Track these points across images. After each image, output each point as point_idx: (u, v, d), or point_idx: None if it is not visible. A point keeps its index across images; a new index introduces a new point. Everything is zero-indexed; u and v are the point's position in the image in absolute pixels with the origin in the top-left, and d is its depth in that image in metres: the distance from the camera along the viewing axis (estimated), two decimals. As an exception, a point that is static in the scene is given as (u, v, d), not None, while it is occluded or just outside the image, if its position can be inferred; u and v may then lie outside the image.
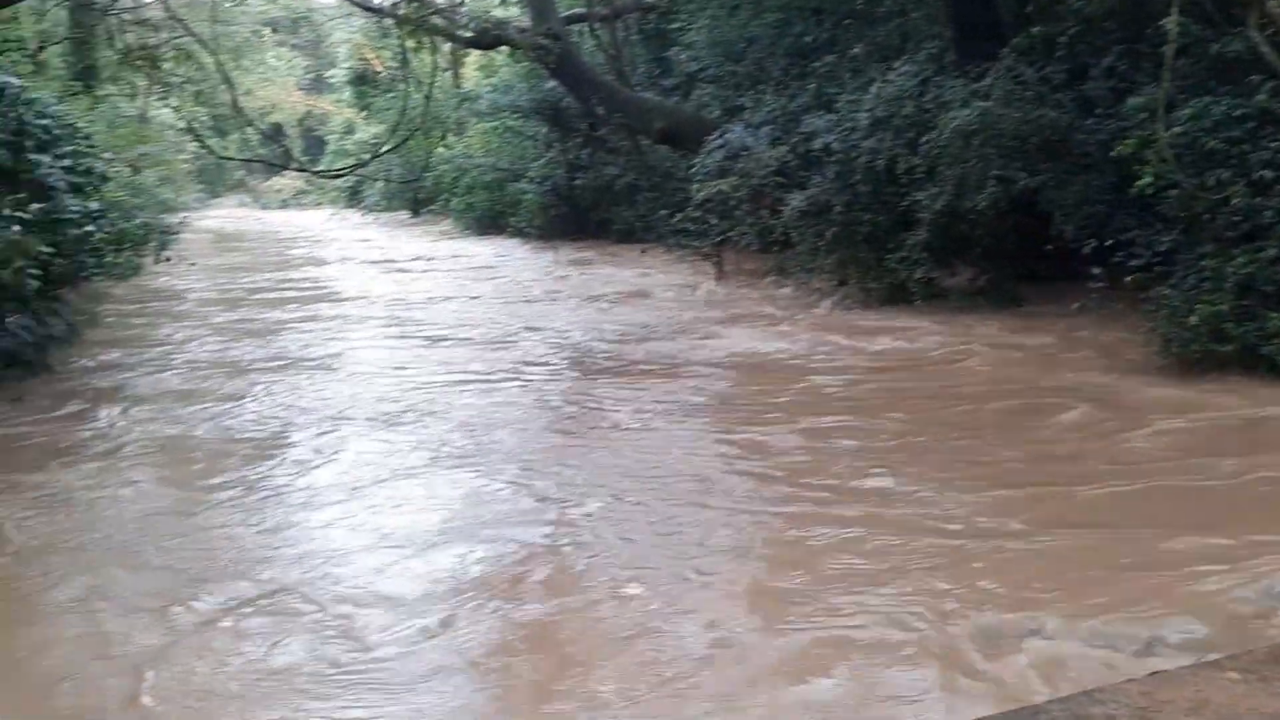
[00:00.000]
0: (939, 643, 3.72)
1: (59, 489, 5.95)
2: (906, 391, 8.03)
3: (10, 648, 4.05)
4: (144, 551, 4.97)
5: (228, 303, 14.16)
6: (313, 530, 5.33)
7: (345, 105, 41.54)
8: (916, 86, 11.54)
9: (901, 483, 5.57)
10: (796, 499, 5.46)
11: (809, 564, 4.58)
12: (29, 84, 12.72)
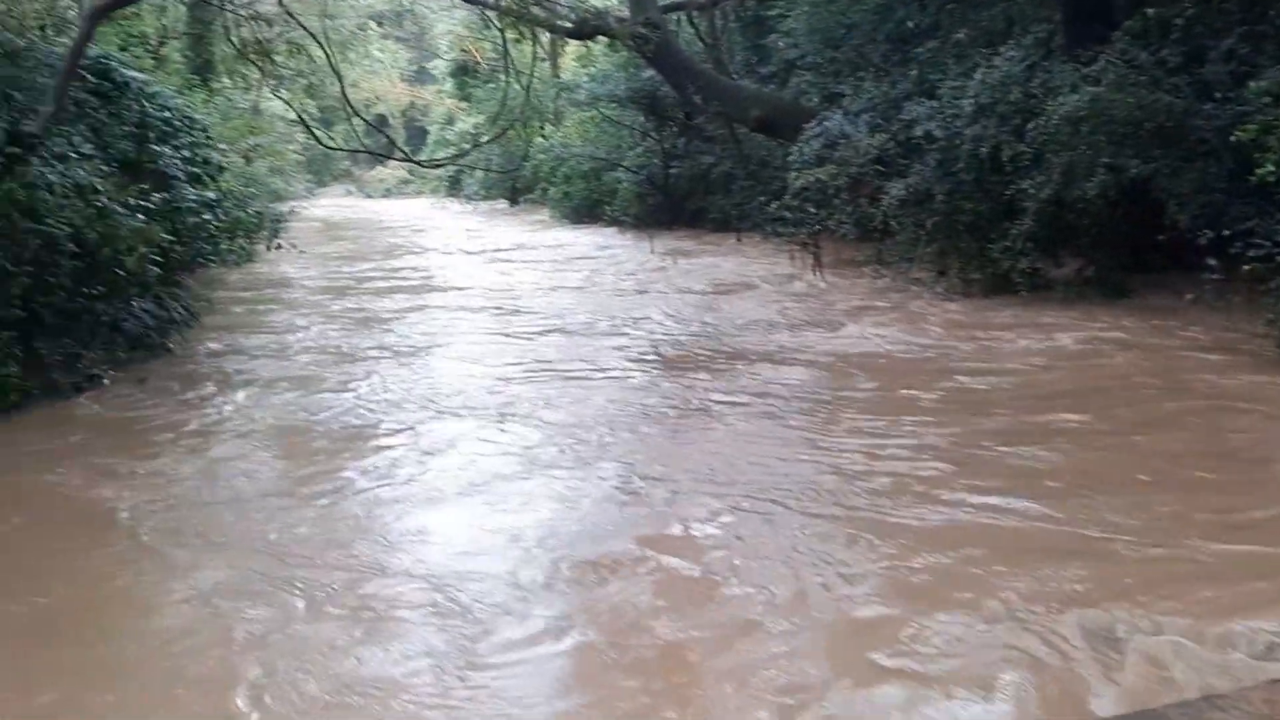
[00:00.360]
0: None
1: (179, 473, 6.08)
2: (1063, 390, 7.38)
3: (132, 634, 4.15)
4: (262, 538, 5.06)
5: (337, 291, 14.43)
6: (434, 526, 5.22)
7: (446, 96, 42.37)
8: (1023, 71, 11.25)
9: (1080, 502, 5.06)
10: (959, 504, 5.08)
11: (957, 583, 4.23)
12: (150, 78, 13.31)
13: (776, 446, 6.28)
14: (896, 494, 5.28)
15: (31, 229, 8.01)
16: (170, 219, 11.41)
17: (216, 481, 5.98)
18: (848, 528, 4.88)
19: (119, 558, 4.94)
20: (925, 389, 7.54)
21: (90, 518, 5.41)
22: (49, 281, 8.38)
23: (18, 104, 8.63)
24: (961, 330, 9.72)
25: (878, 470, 5.68)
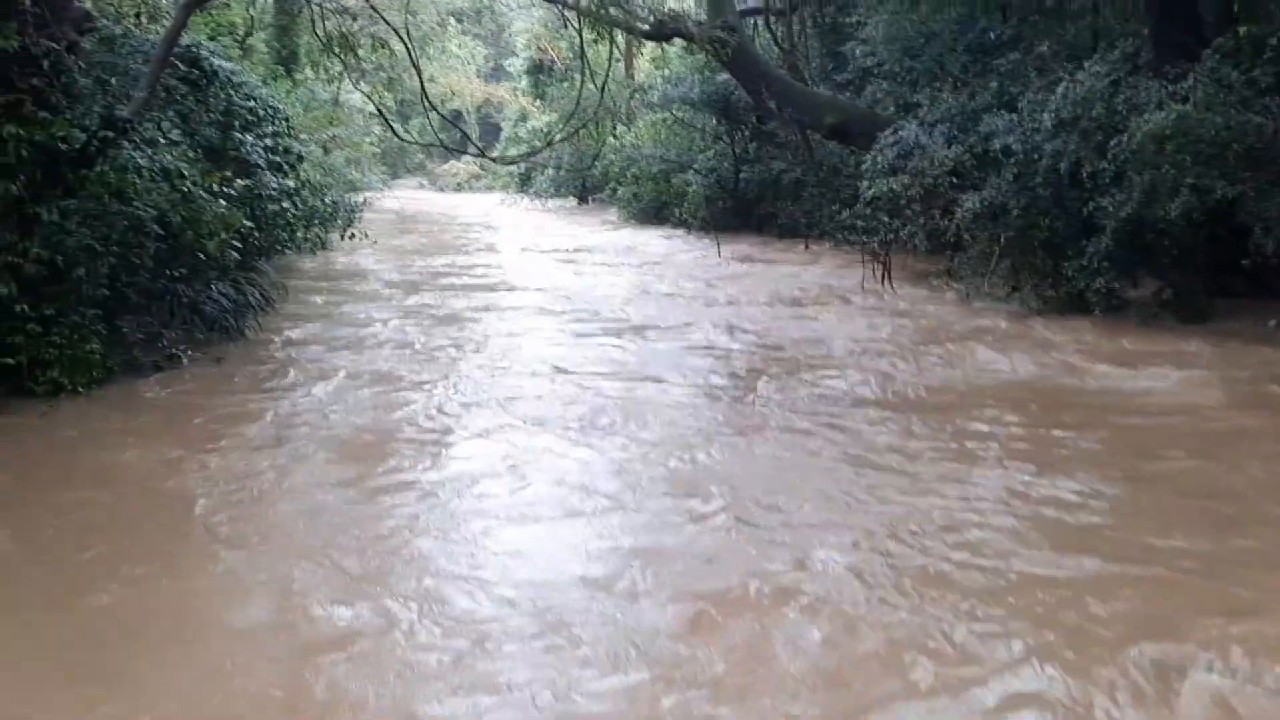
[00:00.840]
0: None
1: (253, 468, 6.03)
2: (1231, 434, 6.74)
3: (197, 639, 4.04)
4: (331, 546, 4.89)
5: (411, 285, 14.38)
6: (528, 547, 4.91)
7: (521, 93, 42.70)
8: (1107, 87, 11.03)
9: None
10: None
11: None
12: (237, 68, 13.64)
13: (894, 478, 5.85)
14: (1050, 541, 4.85)
15: (120, 210, 8.27)
16: (251, 206, 11.71)
17: (291, 481, 5.86)
18: (989, 576, 4.45)
19: (191, 556, 4.90)
20: (1062, 426, 6.90)
21: (164, 510, 5.41)
22: (134, 262, 8.66)
23: (112, 89, 8.91)
24: (1093, 357, 9.11)
25: (1020, 513, 5.23)
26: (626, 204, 27.44)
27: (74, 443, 6.70)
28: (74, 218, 7.77)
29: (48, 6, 7.67)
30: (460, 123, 39.02)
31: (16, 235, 7.50)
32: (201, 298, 9.79)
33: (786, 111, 19.08)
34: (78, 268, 7.77)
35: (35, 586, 4.48)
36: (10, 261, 7.44)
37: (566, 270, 16.27)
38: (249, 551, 4.88)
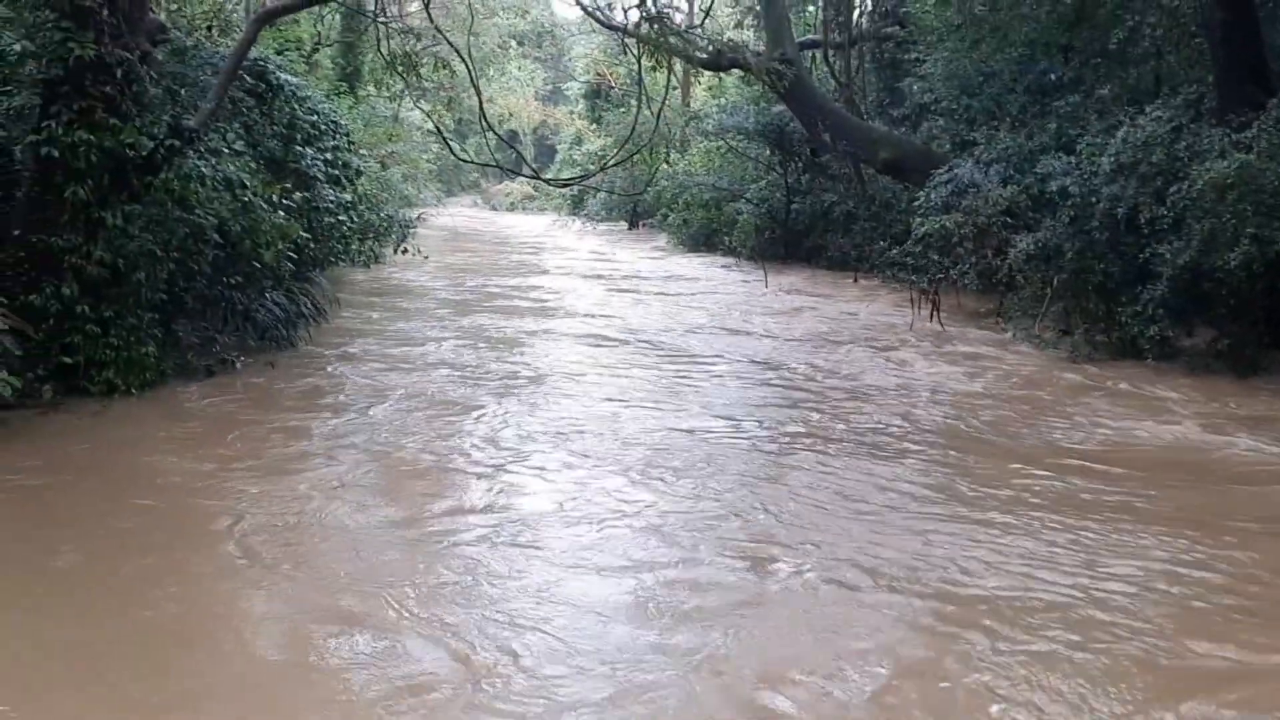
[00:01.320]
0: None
1: (297, 491, 5.89)
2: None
3: (221, 662, 3.99)
4: (373, 576, 4.73)
5: (464, 306, 14.30)
6: (584, 599, 4.59)
7: (578, 117, 43.13)
8: (1169, 133, 10.89)
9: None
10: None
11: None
12: (302, 82, 13.91)
13: (1018, 540, 5.41)
14: (1178, 630, 4.37)
15: (181, 217, 8.46)
16: (308, 217, 11.93)
17: (337, 509, 5.62)
18: (1113, 662, 4.07)
19: (225, 581, 4.75)
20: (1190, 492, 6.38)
21: (203, 528, 5.32)
22: (192, 268, 8.85)
23: (181, 100, 9.14)
24: (1217, 419, 8.44)
25: (1149, 594, 4.76)
26: (676, 230, 27.55)
27: (123, 445, 6.79)
28: (137, 223, 7.96)
29: (124, 17, 7.90)
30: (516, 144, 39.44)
31: (82, 238, 7.70)
32: (255, 305, 9.96)
33: (841, 145, 19.07)
34: (138, 272, 7.96)
35: (65, 597, 4.46)
36: (74, 263, 7.64)
37: (619, 297, 16.07)
38: (290, 583, 4.67)
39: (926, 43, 17.54)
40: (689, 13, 32.37)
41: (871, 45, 21.72)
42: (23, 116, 7.96)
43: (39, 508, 5.58)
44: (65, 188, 7.62)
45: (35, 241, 7.64)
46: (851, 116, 19.52)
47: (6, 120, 7.92)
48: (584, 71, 43.15)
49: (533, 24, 45.49)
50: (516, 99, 43.55)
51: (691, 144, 28.56)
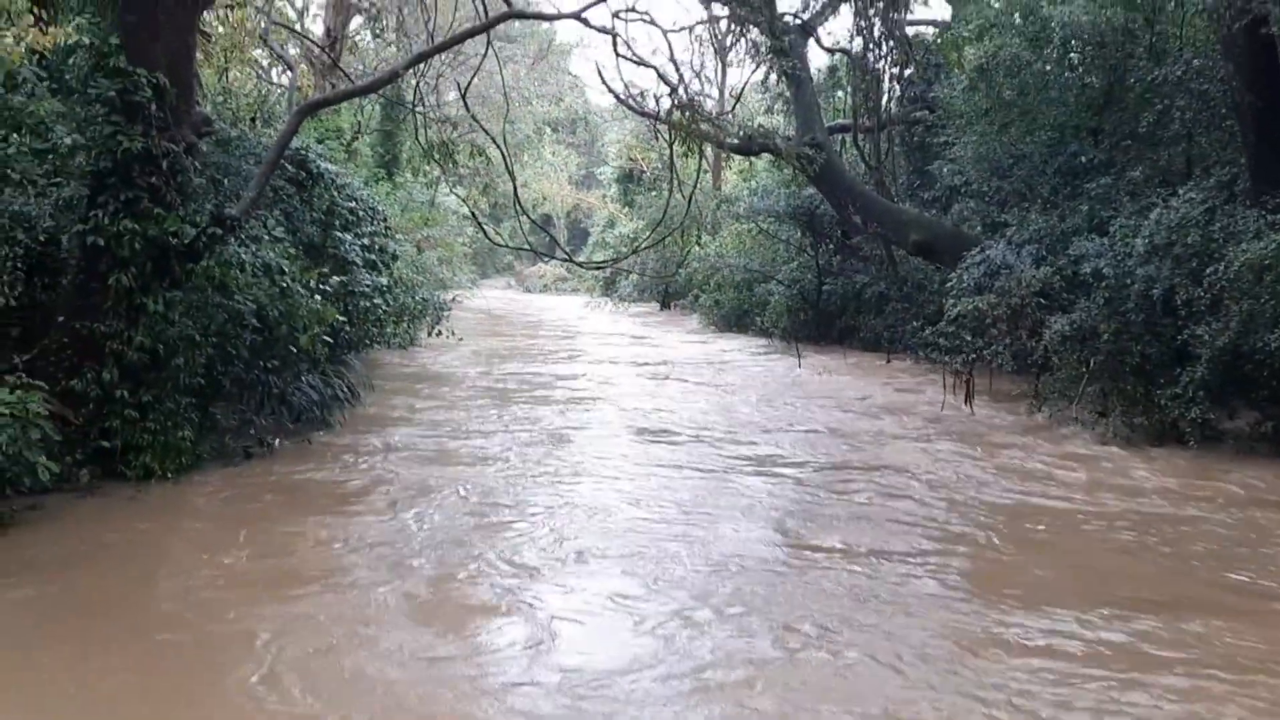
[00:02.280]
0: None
1: (321, 601, 5.62)
2: None
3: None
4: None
5: (499, 394, 13.75)
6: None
7: (610, 200, 43.81)
8: (1202, 214, 10.86)
9: None
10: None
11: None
12: (342, 170, 14.27)
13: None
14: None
15: (221, 303, 8.62)
16: (344, 301, 12.10)
17: (367, 632, 5.23)
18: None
19: (244, 695, 4.51)
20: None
21: (219, 647, 5.04)
22: (230, 352, 8.98)
23: (224, 189, 9.38)
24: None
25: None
26: (709, 311, 27.68)
27: (154, 539, 6.72)
28: (178, 308, 8.11)
29: (171, 111, 8.16)
30: (550, 227, 40.05)
31: (123, 324, 7.85)
32: (291, 389, 10.06)
33: (872, 227, 19.17)
34: (177, 356, 8.08)
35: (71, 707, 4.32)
36: (115, 349, 7.79)
37: (657, 385, 15.43)
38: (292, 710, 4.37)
39: (955, 126, 17.70)
40: (719, 99, 33.01)
41: (901, 129, 21.96)
42: (71, 206, 8.19)
43: (65, 599, 5.57)
44: (109, 275, 7.80)
45: (78, 328, 7.80)
46: (882, 199, 19.65)
47: (56, 211, 8.15)
48: (617, 156, 43.94)
49: (566, 111, 46.52)
50: (550, 183, 44.37)
51: (723, 226, 28.84)
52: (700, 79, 33.09)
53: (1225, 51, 11.58)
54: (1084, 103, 14.71)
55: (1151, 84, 12.96)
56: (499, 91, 22.07)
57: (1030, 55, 14.42)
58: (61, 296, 8.22)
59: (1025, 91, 14.97)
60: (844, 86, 24.44)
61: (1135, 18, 13.75)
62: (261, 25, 14.35)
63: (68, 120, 8.24)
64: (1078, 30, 13.69)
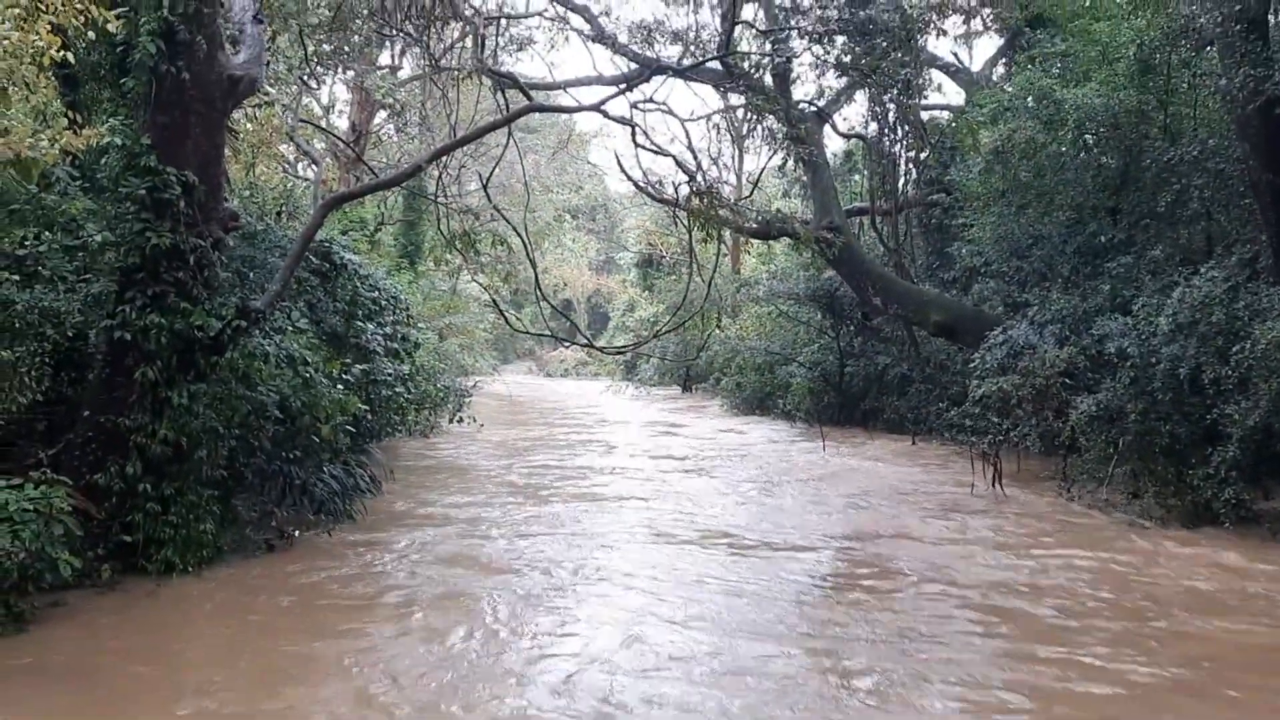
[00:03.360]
0: None
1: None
2: None
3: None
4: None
5: (524, 489, 13.11)
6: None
7: (630, 285, 44.20)
8: (1226, 293, 10.80)
9: None
10: None
11: None
12: (365, 260, 14.47)
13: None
14: None
15: (244, 395, 8.66)
16: (366, 390, 12.16)
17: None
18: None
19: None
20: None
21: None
22: (252, 444, 9.00)
23: (249, 282, 9.50)
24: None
25: None
26: (730, 394, 27.63)
27: (171, 640, 6.59)
28: (201, 401, 8.15)
29: (199, 207, 8.31)
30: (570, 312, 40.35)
31: (148, 417, 7.89)
32: (313, 479, 10.03)
33: (892, 308, 19.18)
34: (200, 449, 8.10)
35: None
36: (139, 442, 7.81)
37: (682, 480, 14.45)
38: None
39: (973, 208, 17.80)
40: (737, 184, 33.47)
41: (918, 211, 22.11)
42: (99, 302, 8.30)
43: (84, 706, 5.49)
44: (135, 369, 7.86)
45: (104, 421, 7.85)
46: (901, 280, 19.71)
47: (84, 306, 8.26)
48: (636, 241, 44.47)
49: (586, 198, 47.30)
50: (571, 269, 44.89)
51: (743, 309, 28.98)
52: (718, 165, 33.65)
53: (1240, 132, 11.64)
54: (1101, 183, 14.78)
55: (1168, 164, 13.01)
56: (520, 181, 22.50)
57: (1045, 137, 14.54)
58: (88, 391, 8.28)
59: (1041, 173, 15.07)
60: (860, 170, 24.75)
61: (1149, 100, 13.87)
62: (288, 122, 14.71)
63: (98, 218, 8.41)
64: (1091, 113, 13.81)
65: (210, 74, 8.42)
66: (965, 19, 22.01)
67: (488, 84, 14.23)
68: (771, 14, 19.37)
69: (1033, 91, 14.97)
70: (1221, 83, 11.47)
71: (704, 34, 19.98)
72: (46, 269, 8.01)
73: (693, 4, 20.43)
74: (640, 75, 15.37)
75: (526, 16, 19.58)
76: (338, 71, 18.31)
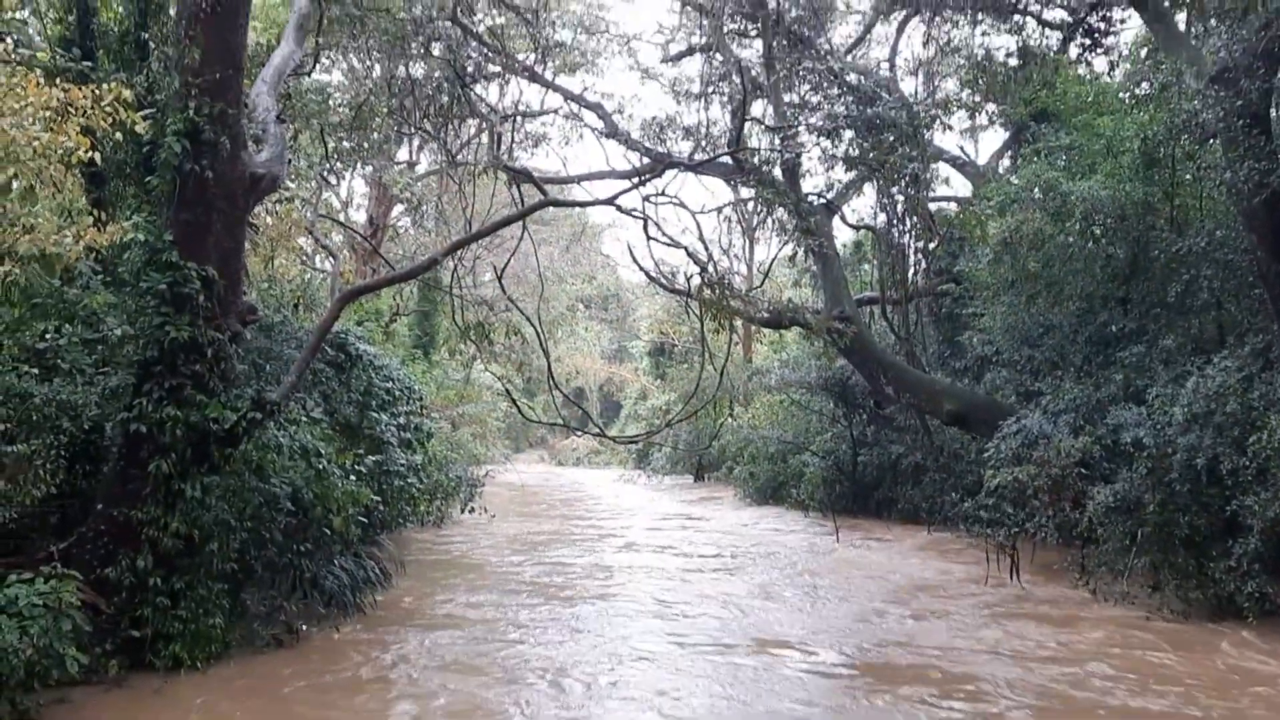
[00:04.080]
0: None
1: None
2: None
3: None
4: None
5: (535, 588, 12.60)
6: None
7: (642, 373, 44.33)
8: (1239, 383, 10.77)
9: None
10: None
11: None
12: (380, 351, 14.59)
13: None
14: None
15: (257, 487, 8.68)
16: (379, 481, 12.14)
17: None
18: None
19: None
20: None
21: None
22: (264, 536, 8.97)
23: (265, 374, 9.59)
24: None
25: None
26: (743, 483, 27.45)
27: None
28: (214, 493, 8.16)
29: (219, 301, 8.44)
30: (583, 400, 40.42)
31: (161, 510, 7.89)
32: (323, 571, 9.96)
33: (904, 397, 19.17)
34: (212, 541, 8.08)
35: None
36: (151, 535, 7.80)
37: (699, 578, 13.83)
38: None
39: (983, 298, 17.92)
40: (748, 273, 33.79)
41: (929, 300, 22.26)
42: (117, 395, 8.38)
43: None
44: (150, 462, 7.89)
45: (116, 515, 7.85)
46: (913, 369, 19.73)
47: (102, 399, 8.34)
48: (648, 330, 44.74)
49: (599, 288, 47.79)
50: (583, 358, 45.10)
51: (755, 397, 28.97)
52: (729, 255, 34.01)
53: (1247, 223, 11.75)
54: (1110, 273, 14.87)
55: (1176, 254, 13.11)
56: (534, 271, 22.78)
57: (1053, 228, 14.68)
58: (101, 483, 8.31)
59: (1050, 263, 15.18)
60: (870, 260, 24.98)
61: (1154, 192, 14.04)
62: (308, 216, 15.01)
63: (119, 312, 8.54)
64: (1098, 204, 13.97)
65: (233, 172, 8.64)
66: (970, 114, 22.43)
67: (503, 178, 14.53)
68: (780, 110, 19.80)
69: (1039, 183, 15.18)
70: (1226, 176, 11.61)
71: (714, 129, 20.42)
72: (66, 362, 8.12)
73: (703, 101, 20.90)
74: (653, 170, 15.68)
75: (542, 114, 20.10)
76: (356, 167, 18.75)
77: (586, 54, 21.21)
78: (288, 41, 11.18)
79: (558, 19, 20.03)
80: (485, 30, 18.33)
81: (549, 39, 18.94)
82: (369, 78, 16.61)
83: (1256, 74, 11.05)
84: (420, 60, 16.39)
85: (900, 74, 22.39)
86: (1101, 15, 20.72)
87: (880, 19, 23.06)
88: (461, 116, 15.68)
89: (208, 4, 8.32)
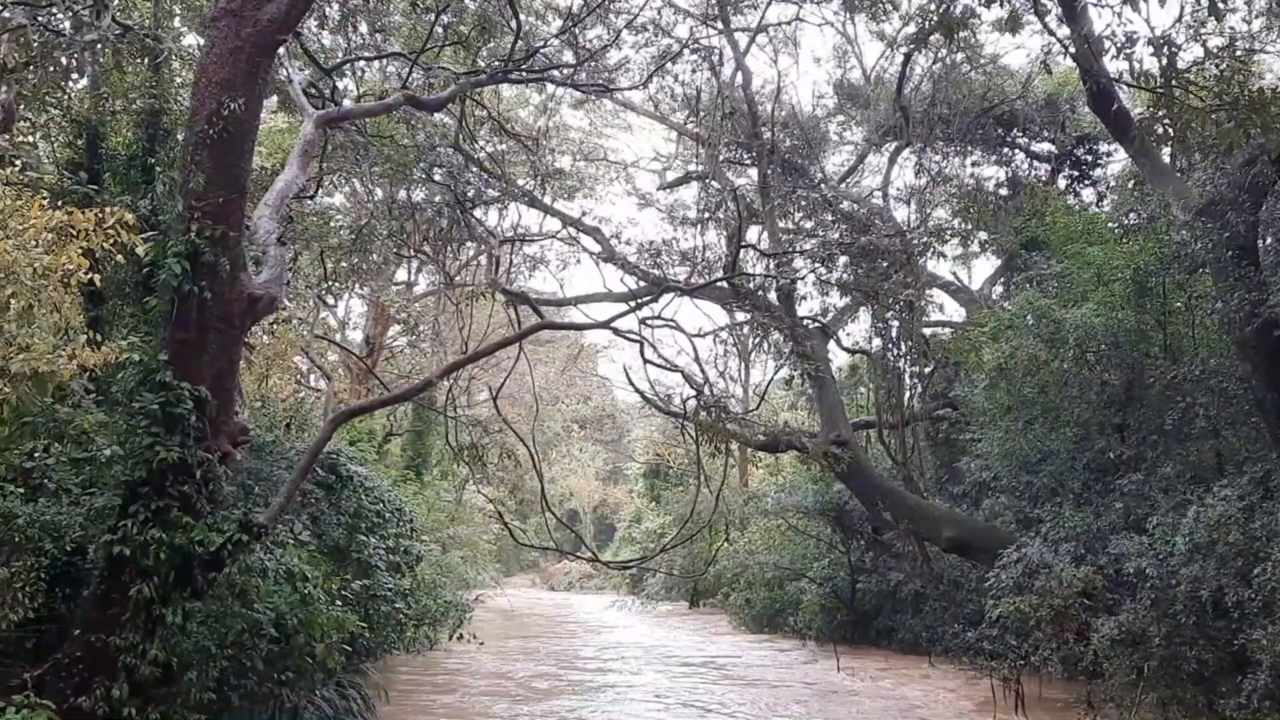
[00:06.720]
0: None
1: None
2: None
3: None
4: None
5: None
6: None
7: (637, 496, 43.92)
8: (1240, 512, 10.65)
9: None
10: None
11: None
12: (371, 472, 14.45)
13: None
14: None
15: (240, 612, 8.43)
16: (365, 606, 11.84)
17: None
18: None
19: None
20: None
21: None
22: (244, 664, 8.66)
23: (254, 496, 9.45)
24: None
25: None
26: (739, 610, 26.83)
27: None
28: (196, 619, 7.92)
29: (210, 422, 8.37)
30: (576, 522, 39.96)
31: (140, 636, 7.64)
32: (304, 702, 9.61)
33: (902, 523, 18.95)
34: (191, 670, 7.80)
35: None
36: (128, 663, 7.53)
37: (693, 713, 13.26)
38: None
39: (979, 423, 17.88)
40: (744, 396, 33.85)
41: (925, 425, 22.25)
42: (102, 516, 8.22)
43: None
44: (131, 586, 7.68)
45: (94, 641, 7.60)
46: (910, 495, 19.56)
47: (86, 520, 8.18)
48: (643, 452, 44.50)
49: (594, 409, 47.75)
50: (577, 479, 44.79)
51: (751, 522, 28.60)
52: (725, 378, 34.11)
53: (1240, 352, 11.82)
54: (1106, 400, 14.86)
55: (1171, 382, 13.13)
56: (529, 392, 22.78)
57: (1047, 355, 14.74)
58: (81, 608, 8.07)
59: (1046, 389, 15.20)
60: (866, 383, 25.05)
61: (1147, 320, 14.16)
62: (304, 336, 15.08)
63: (109, 431, 8.45)
64: (1091, 332, 14.05)
65: (231, 293, 8.68)
66: (962, 242, 22.87)
67: (501, 299, 14.66)
68: (775, 236, 20.17)
69: (1032, 311, 15.32)
70: (1218, 305, 11.74)
71: (710, 254, 20.75)
72: (53, 481, 8.00)
73: (700, 226, 21.32)
74: (649, 293, 15.85)
75: (540, 239, 20.44)
76: (355, 287, 18.94)
77: (585, 180, 21.72)
78: (292, 166, 11.41)
79: (557, 146, 20.57)
80: (486, 156, 18.78)
81: (548, 165, 19.41)
82: (370, 201, 16.93)
83: (1243, 207, 11.28)
84: (421, 185, 16.73)
85: (893, 202, 22.92)
86: (1088, 149, 21.37)
87: (873, 149, 23.73)
88: (461, 239, 15.93)
89: (215, 131, 8.49)
